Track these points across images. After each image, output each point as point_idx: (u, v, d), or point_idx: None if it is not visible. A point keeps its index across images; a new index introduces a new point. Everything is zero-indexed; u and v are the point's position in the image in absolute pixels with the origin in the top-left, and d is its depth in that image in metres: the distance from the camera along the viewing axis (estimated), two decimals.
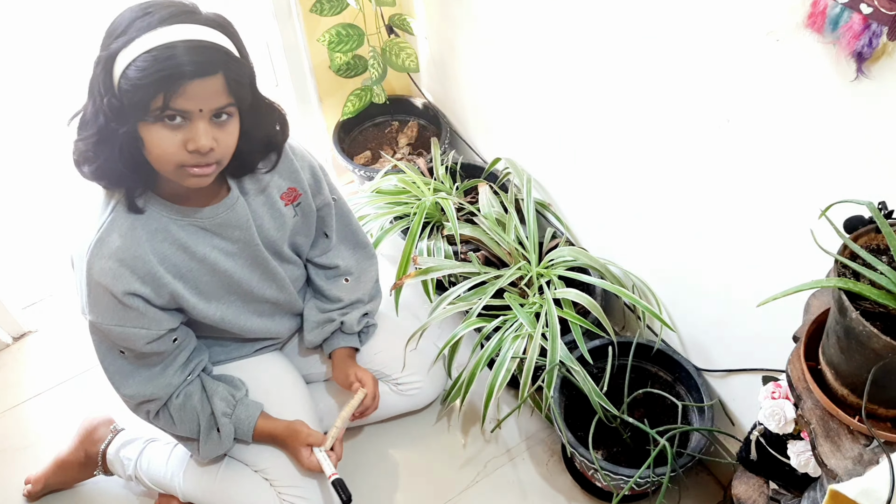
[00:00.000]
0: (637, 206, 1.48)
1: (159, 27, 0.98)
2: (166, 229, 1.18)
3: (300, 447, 1.36)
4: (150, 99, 0.99)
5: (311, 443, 1.36)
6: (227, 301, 1.32)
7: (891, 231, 0.75)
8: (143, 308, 1.18)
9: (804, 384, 0.84)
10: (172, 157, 1.05)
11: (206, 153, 1.06)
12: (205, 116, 1.04)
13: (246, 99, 1.09)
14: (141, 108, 1.00)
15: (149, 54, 0.97)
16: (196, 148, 1.04)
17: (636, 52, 1.27)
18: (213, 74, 1.01)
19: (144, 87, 0.98)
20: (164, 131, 1.03)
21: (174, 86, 0.99)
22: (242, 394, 1.38)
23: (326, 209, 1.43)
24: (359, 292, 1.52)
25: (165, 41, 0.98)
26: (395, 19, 2.03)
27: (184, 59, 0.98)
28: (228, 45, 1.04)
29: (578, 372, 1.47)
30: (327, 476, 1.34)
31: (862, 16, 0.82)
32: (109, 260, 1.12)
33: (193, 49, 0.99)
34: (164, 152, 1.04)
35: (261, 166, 1.26)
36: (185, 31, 0.99)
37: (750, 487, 1.16)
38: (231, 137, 1.10)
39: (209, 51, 1.01)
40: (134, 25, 0.99)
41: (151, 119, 1.02)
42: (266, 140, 1.22)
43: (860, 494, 0.68)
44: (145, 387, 1.26)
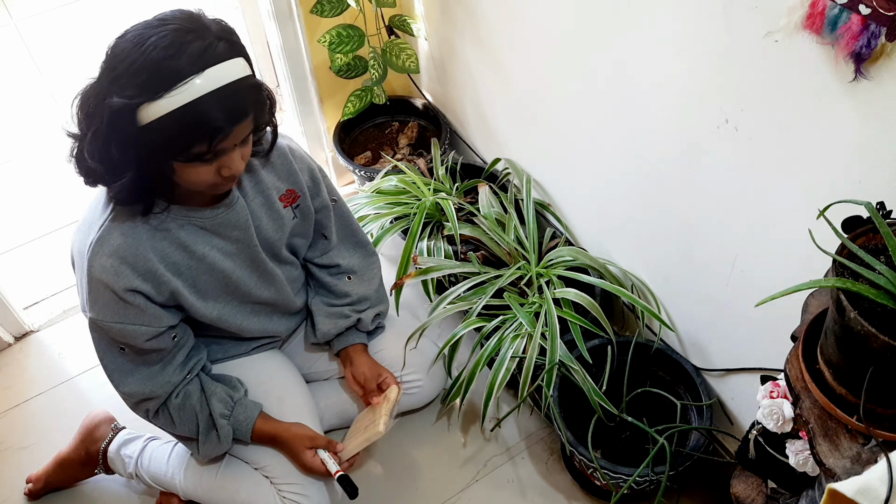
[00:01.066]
0: (636, 206, 1.48)
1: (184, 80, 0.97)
2: (167, 228, 1.18)
3: (304, 450, 1.36)
4: (193, 144, 1.01)
5: (316, 446, 1.37)
6: (225, 300, 1.33)
7: (889, 231, 0.76)
8: (144, 305, 1.18)
9: (802, 383, 0.85)
10: (207, 182, 1.09)
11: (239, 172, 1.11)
12: (238, 146, 1.08)
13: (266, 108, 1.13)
14: (180, 151, 1.02)
15: (184, 112, 0.97)
16: (231, 174, 1.09)
17: (636, 51, 1.27)
18: (247, 118, 1.05)
19: (180, 139, 1.00)
20: (200, 167, 1.06)
21: (218, 136, 1.02)
22: (241, 395, 1.38)
23: (325, 211, 1.44)
24: (364, 289, 1.53)
25: (195, 97, 0.97)
26: (395, 20, 2.03)
27: (216, 113, 1.00)
28: (246, 70, 1.05)
29: (578, 371, 1.47)
30: (333, 473, 1.35)
31: (860, 17, 0.82)
32: (110, 257, 1.13)
33: (226, 99, 1.00)
34: (199, 181, 1.09)
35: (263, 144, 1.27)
36: (212, 80, 0.99)
37: (748, 486, 1.16)
38: (250, 145, 1.14)
39: (239, 94, 1.02)
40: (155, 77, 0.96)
41: (187, 160, 1.04)
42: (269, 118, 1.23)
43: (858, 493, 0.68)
44: (144, 385, 1.27)
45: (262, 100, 1.09)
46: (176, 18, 1.00)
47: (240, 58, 1.04)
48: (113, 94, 0.97)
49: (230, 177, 1.10)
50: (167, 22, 0.99)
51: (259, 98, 1.08)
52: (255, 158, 1.28)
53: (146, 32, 0.98)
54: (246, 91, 1.04)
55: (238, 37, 1.07)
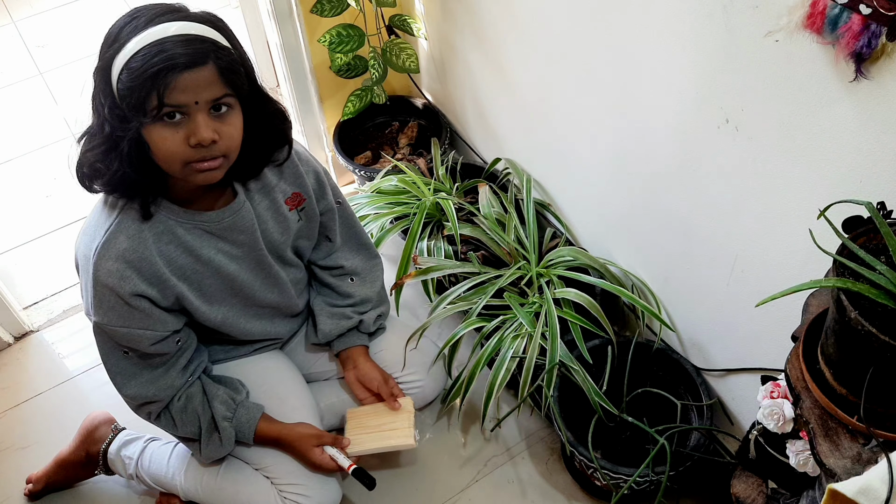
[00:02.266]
0: (637, 205, 1.48)
1: (147, 28, 1.00)
2: (172, 232, 1.18)
3: (311, 448, 1.36)
4: (146, 98, 0.99)
5: (322, 444, 1.37)
6: (229, 304, 1.33)
7: (889, 231, 0.75)
8: (149, 309, 1.18)
9: (803, 383, 0.85)
10: (177, 155, 1.05)
11: (210, 146, 1.05)
12: (202, 109, 1.04)
13: (243, 88, 1.08)
14: (139, 110, 1.01)
15: (138, 55, 0.98)
16: (198, 141, 1.04)
17: (636, 51, 1.27)
18: (203, 65, 1.01)
19: (138, 87, 0.99)
20: (165, 130, 1.03)
21: (165, 80, 0.98)
22: (243, 397, 1.38)
23: (329, 214, 1.44)
24: (367, 291, 1.52)
25: (152, 39, 0.99)
26: (395, 20, 2.03)
27: (171, 52, 0.98)
28: (217, 37, 1.05)
29: (578, 371, 1.47)
30: (346, 468, 1.35)
31: (861, 16, 0.82)
32: (116, 262, 1.12)
33: (180, 42, 0.99)
34: (168, 151, 1.04)
35: (275, 157, 1.26)
36: (172, 27, 1.00)
37: (749, 486, 1.16)
38: (234, 129, 1.09)
39: (196, 42, 1.01)
40: (123, 31, 1.01)
41: (150, 120, 1.02)
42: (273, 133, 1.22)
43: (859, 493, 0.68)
44: (147, 388, 1.27)
45: (228, 58, 1.04)
46: (159, 4, 1.04)
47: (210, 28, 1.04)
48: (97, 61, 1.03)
49: (198, 145, 1.04)
50: (155, 4, 1.04)
51: (224, 55, 1.03)
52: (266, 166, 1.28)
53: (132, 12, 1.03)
54: (203, 43, 1.01)
55: (223, 22, 1.08)
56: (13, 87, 2.87)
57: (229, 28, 1.09)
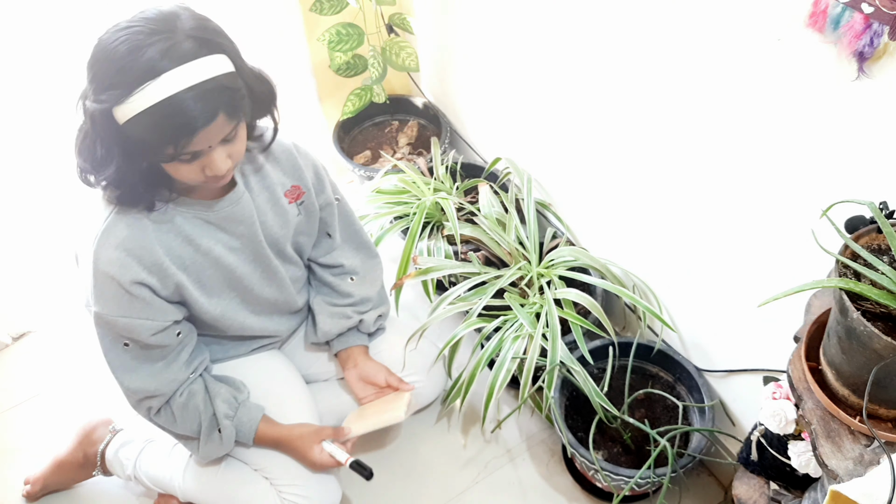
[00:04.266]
0: (638, 205, 1.47)
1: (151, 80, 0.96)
2: (172, 221, 1.18)
3: (311, 448, 1.36)
4: (161, 148, 1.01)
5: (323, 438, 1.36)
6: (228, 297, 1.33)
7: (892, 231, 0.75)
8: (150, 298, 1.18)
9: (805, 384, 0.84)
10: (194, 180, 1.10)
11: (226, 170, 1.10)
12: (217, 146, 1.07)
13: (248, 109, 1.10)
14: (154, 154, 1.03)
15: (150, 111, 0.97)
16: (214, 174, 1.08)
17: (636, 51, 1.27)
18: (216, 119, 1.02)
19: (151, 140, 1.00)
20: (182, 166, 1.06)
21: (182, 139, 1.01)
22: (245, 396, 1.38)
23: (329, 209, 1.44)
24: (367, 290, 1.52)
25: (162, 97, 0.97)
26: (395, 18, 2.03)
27: (187, 114, 0.98)
28: (220, 68, 1.02)
29: (579, 372, 1.46)
30: (343, 462, 1.35)
31: (863, 15, 0.82)
32: (116, 250, 1.13)
33: (189, 101, 0.98)
34: (185, 178, 1.09)
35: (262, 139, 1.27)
36: (178, 80, 0.97)
37: (751, 488, 1.15)
38: (242, 142, 1.12)
39: (208, 94, 1.00)
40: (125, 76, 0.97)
41: (166, 160, 1.05)
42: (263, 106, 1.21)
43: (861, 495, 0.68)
44: (148, 382, 1.26)
45: (238, 100, 1.05)
46: (146, 20, 0.99)
47: (213, 55, 1.01)
48: (90, 96, 1.01)
49: (214, 177, 1.09)
50: (135, 24, 0.99)
51: (234, 98, 1.04)
52: (261, 155, 1.28)
53: (115, 35, 0.98)
54: (216, 91, 1.00)
55: (218, 33, 1.05)
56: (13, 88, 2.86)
57: (223, 33, 1.06)
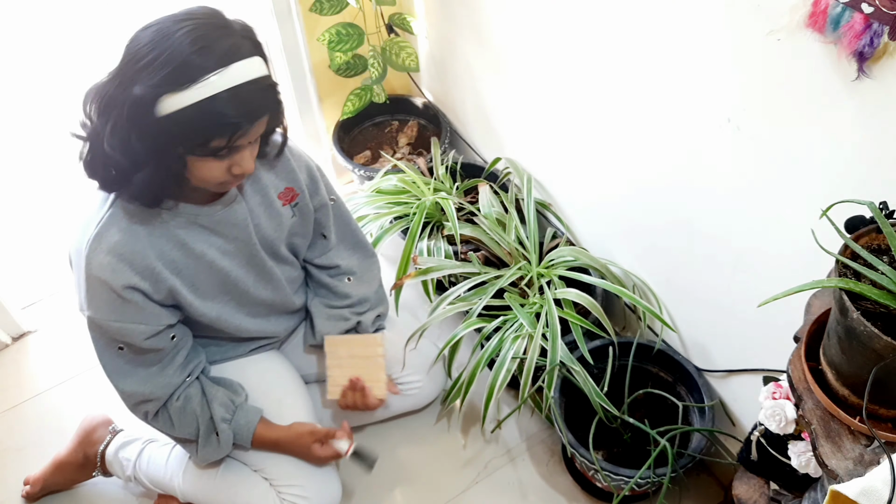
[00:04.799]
0: (638, 205, 1.47)
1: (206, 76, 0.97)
2: (165, 225, 1.18)
3: (311, 444, 1.36)
4: (211, 139, 1.02)
5: (318, 439, 1.37)
6: (223, 300, 1.32)
7: (892, 231, 0.75)
8: (142, 303, 1.18)
9: (805, 384, 0.84)
10: (217, 179, 1.10)
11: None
12: (252, 144, 1.10)
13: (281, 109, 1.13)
14: (194, 145, 1.03)
15: (202, 107, 0.98)
16: (243, 171, 1.10)
17: (637, 51, 1.27)
18: (263, 117, 1.07)
19: (196, 133, 1.01)
20: (213, 162, 1.07)
21: (240, 129, 1.03)
22: (242, 399, 1.38)
23: (324, 210, 1.43)
24: (364, 290, 1.52)
25: (214, 92, 0.98)
26: (395, 18, 2.03)
27: (235, 111, 1.01)
28: (265, 69, 1.06)
29: (579, 372, 1.46)
30: (345, 452, 1.35)
31: (863, 15, 0.82)
32: (108, 255, 1.12)
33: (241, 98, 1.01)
34: (210, 177, 1.10)
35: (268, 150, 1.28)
36: (234, 74, 1.00)
37: (751, 488, 1.15)
38: (258, 147, 1.15)
39: (258, 92, 1.03)
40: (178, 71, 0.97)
41: (201, 154, 1.05)
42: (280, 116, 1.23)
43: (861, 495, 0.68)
44: (143, 385, 1.26)
45: (278, 100, 1.10)
46: (203, 15, 1.02)
47: (259, 57, 1.05)
48: (136, 83, 0.98)
49: (240, 175, 1.11)
50: (195, 17, 1.01)
51: (276, 98, 1.09)
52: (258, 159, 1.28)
53: (173, 26, 0.99)
54: (265, 90, 1.05)
55: (257, 36, 1.08)
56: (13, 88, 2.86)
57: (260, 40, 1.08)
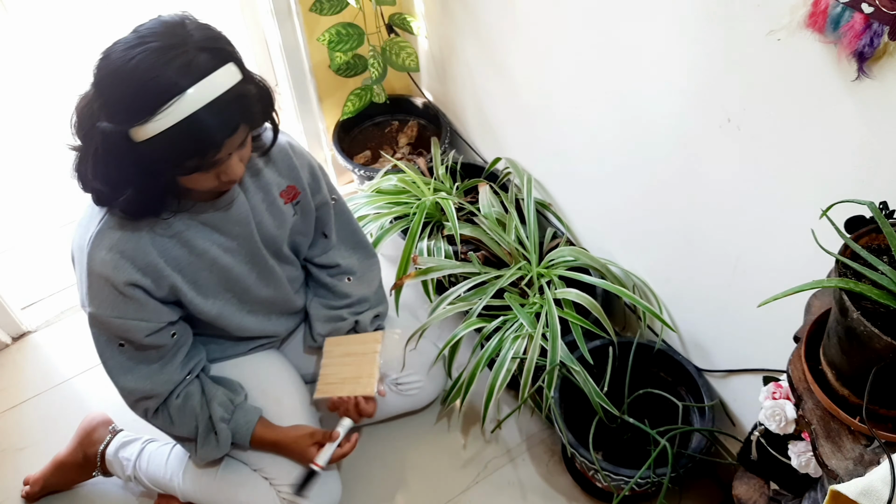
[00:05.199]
0: (638, 205, 1.47)
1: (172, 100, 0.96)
2: (167, 223, 1.18)
3: (308, 447, 1.36)
4: (185, 163, 1.03)
5: (316, 441, 1.37)
6: (224, 298, 1.32)
7: (892, 231, 0.75)
8: (144, 299, 1.18)
9: (805, 384, 0.84)
10: (208, 187, 1.11)
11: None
12: (234, 154, 1.09)
13: (257, 110, 1.10)
14: (176, 169, 1.04)
15: (172, 131, 0.97)
16: (230, 179, 1.11)
17: (636, 51, 1.27)
18: (237, 130, 1.04)
19: (175, 157, 1.01)
20: (199, 176, 1.07)
21: (209, 152, 1.02)
22: (241, 399, 1.38)
23: (325, 208, 1.43)
24: (364, 290, 1.52)
25: (183, 116, 0.97)
26: (395, 18, 2.03)
27: (210, 128, 1.00)
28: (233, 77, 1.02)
29: (579, 372, 1.46)
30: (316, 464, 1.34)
31: (863, 15, 0.82)
32: (110, 251, 1.13)
33: (215, 112, 0.99)
34: (201, 186, 1.10)
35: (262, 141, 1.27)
36: (198, 97, 0.97)
37: (751, 488, 1.15)
38: (249, 146, 1.14)
39: (228, 106, 1.01)
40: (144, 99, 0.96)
41: (186, 172, 1.05)
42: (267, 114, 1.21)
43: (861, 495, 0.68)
44: (143, 382, 1.26)
45: (252, 107, 1.06)
46: (155, 34, 0.98)
47: (225, 65, 1.01)
48: (103, 118, 0.99)
49: (230, 181, 1.11)
50: (146, 39, 0.97)
51: (248, 105, 1.05)
52: (255, 155, 1.28)
53: (127, 53, 0.96)
54: (233, 102, 1.01)
55: (224, 41, 1.04)
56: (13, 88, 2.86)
57: (227, 39, 1.05)
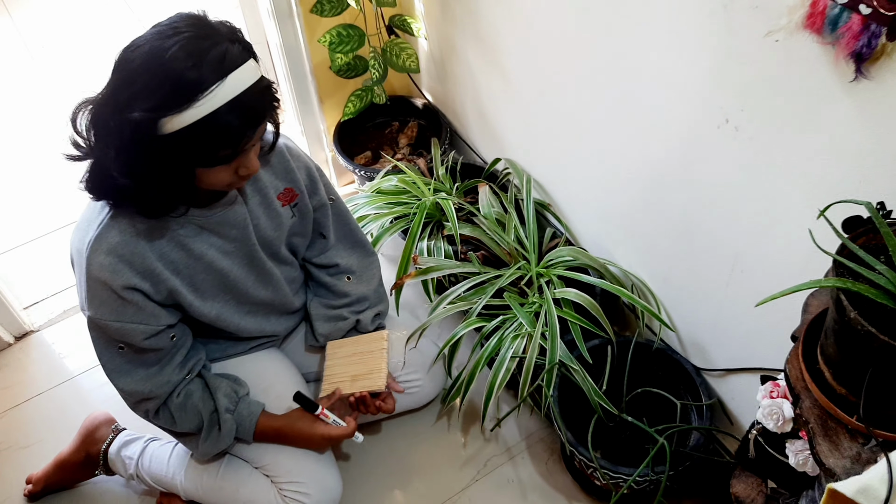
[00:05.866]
0: (637, 205, 1.48)
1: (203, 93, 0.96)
2: (165, 226, 1.18)
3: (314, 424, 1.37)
4: (218, 149, 1.03)
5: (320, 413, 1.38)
6: (223, 300, 1.33)
7: (889, 231, 0.75)
8: (142, 303, 1.18)
9: (803, 383, 0.85)
10: (225, 182, 1.11)
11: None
12: (256, 146, 1.11)
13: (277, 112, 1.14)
14: (202, 157, 1.04)
15: (206, 121, 0.98)
16: (249, 172, 1.11)
17: (636, 50, 1.27)
18: (264, 121, 1.07)
19: (204, 148, 1.02)
20: (222, 170, 1.08)
21: (244, 136, 1.03)
22: (245, 391, 1.39)
23: (323, 210, 1.44)
24: (364, 289, 1.53)
25: (218, 105, 0.98)
26: (395, 20, 2.03)
27: (250, 111, 1.02)
28: (256, 70, 1.05)
29: (578, 371, 1.47)
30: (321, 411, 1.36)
31: (861, 16, 0.82)
32: (108, 255, 1.13)
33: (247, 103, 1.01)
34: (219, 182, 1.11)
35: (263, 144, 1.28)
36: (232, 85, 0.99)
37: (748, 486, 1.16)
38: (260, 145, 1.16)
39: (257, 97, 1.03)
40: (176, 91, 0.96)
41: (210, 165, 1.06)
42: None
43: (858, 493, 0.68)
44: (143, 384, 1.27)
45: (275, 99, 1.10)
46: (187, 25, 0.99)
47: (251, 58, 1.04)
48: (133, 109, 0.97)
49: (247, 175, 1.12)
50: (180, 30, 0.98)
51: (273, 98, 1.09)
52: None
53: (162, 43, 0.96)
54: (262, 92, 1.05)
55: (244, 35, 1.07)
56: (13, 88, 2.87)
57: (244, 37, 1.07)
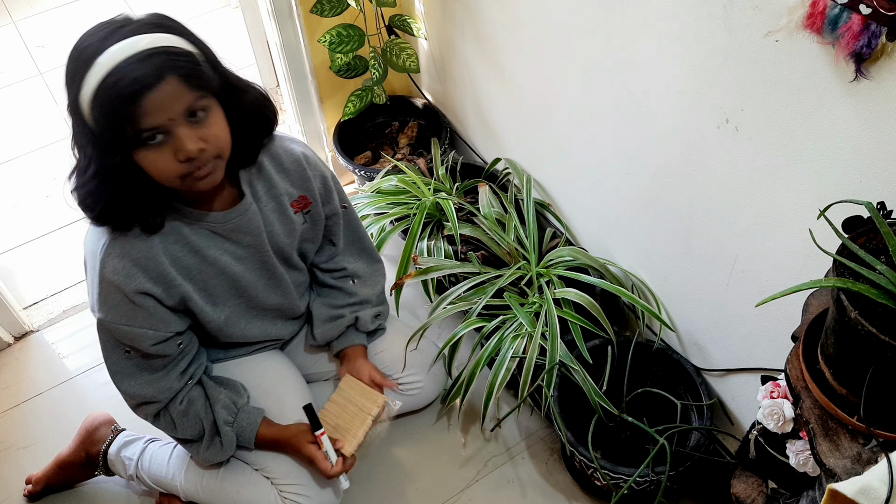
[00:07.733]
0: (637, 205, 1.48)
1: (96, 58, 0.96)
2: (179, 232, 1.19)
3: (306, 444, 1.35)
4: (120, 129, 0.99)
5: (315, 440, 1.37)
6: (233, 304, 1.33)
7: (889, 231, 0.76)
8: (153, 308, 1.19)
9: (803, 383, 0.85)
10: (171, 172, 1.05)
11: (200, 154, 1.05)
12: (180, 122, 1.02)
13: (213, 85, 1.06)
14: (118, 141, 1.01)
15: (99, 90, 0.96)
16: (185, 155, 1.03)
17: (636, 51, 1.27)
18: (163, 79, 0.97)
19: (108, 120, 0.98)
20: (151, 153, 1.03)
21: (132, 107, 0.97)
22: (244, 401, 1.38)
23: (335, 218, 1.44)
24: (367, 291, 1.53)
25: (106, 71, 0.96)
26: (395, 20, 2.03)
27: (128, 78, 0.95)
28: (170, 41, 1.00)
29: (578, 371, 1.47)
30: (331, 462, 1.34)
31: (861, 16, 0.82)
32: (122, 259, 1.13)
33: (134, 64, 0.96)
34: (161, 170, 1.05)
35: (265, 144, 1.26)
36: (119, 50, 0.96)
37: (749, 486, 1.16)
38: (218, 129, 1.08)
39: (149, 58, 0.97)
40: (78, 67, 0.99)
41: (133, 147, 1.02)
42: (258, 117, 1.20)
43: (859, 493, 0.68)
44: (146, 388, 1.27)
45: (187, 61, 1.00)
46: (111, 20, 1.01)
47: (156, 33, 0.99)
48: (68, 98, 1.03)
49: (187, 160, 1.04)
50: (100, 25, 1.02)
51: (182, 62, 1.00)
52: (270, 163, 1.28)
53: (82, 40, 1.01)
54: (157, 54, 0.97)
55: (172, 20, 1.04)
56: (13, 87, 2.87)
57: (181, 25, 1.05)
